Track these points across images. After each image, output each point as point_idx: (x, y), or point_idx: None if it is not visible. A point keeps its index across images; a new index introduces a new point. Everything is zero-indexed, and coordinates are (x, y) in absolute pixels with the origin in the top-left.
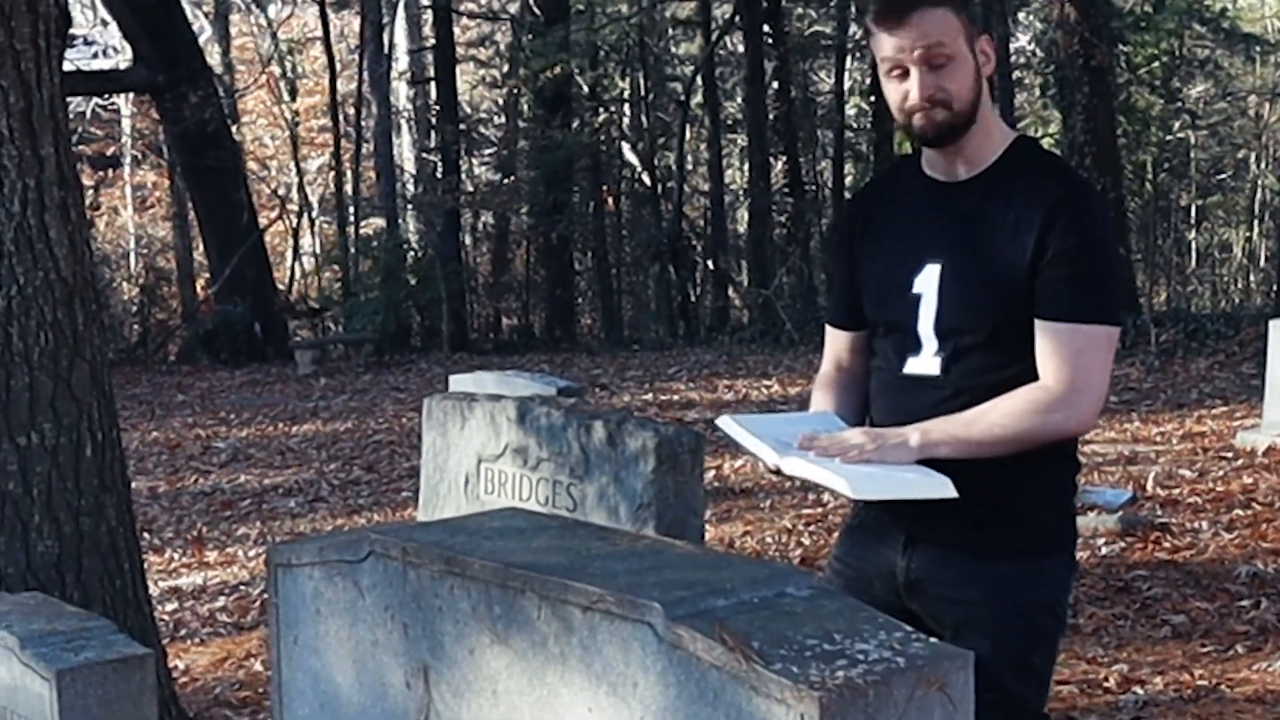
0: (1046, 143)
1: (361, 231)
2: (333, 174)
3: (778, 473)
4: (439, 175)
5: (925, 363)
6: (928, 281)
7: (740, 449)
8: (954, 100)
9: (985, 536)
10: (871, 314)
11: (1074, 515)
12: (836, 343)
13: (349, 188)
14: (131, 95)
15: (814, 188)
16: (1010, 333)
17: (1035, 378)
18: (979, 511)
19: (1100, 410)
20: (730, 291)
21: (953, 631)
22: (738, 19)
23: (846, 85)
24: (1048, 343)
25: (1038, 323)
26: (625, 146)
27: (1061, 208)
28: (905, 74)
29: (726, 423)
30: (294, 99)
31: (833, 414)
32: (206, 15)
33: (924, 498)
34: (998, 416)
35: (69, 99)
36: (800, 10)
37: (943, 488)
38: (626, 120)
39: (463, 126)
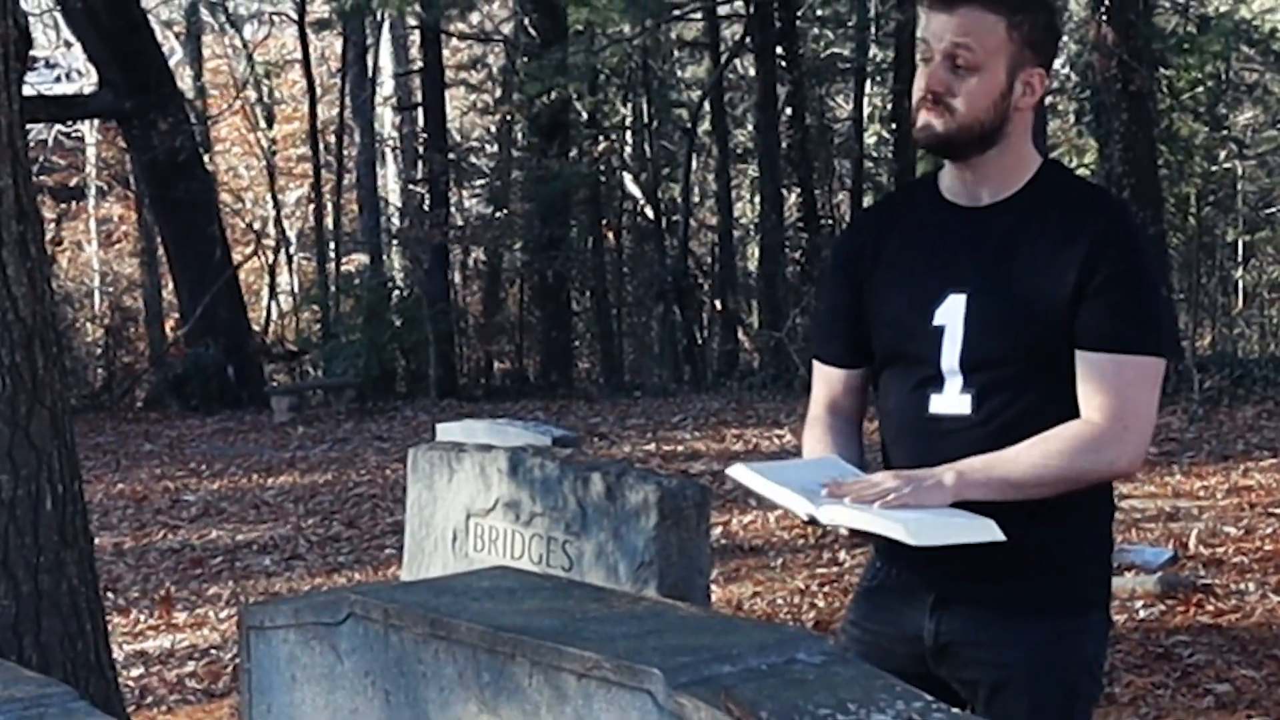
0: (1082, 173)
1: (343, 269)
2: (312, 207)
3: (811, 523)
4: (426, 208)
5: (952, 401)
6: (951, 312)
7: (759, 499)
8: (956, 108)
9: (1022, 593)
10: (885, 349)
11: (1111, 569)
12: (831, 382)
13: (329, 221)
14: (97, 122)
15: (830, 222)
16: (1044, 366)
17: (1069, 414)
18: (1015, 567)
19: (1148, 448)
20: (739, 333)
21: (987, 695)
22: (748, 40)
23: (866, 111)
24: (1093, 376)
25: (1081, 354)
26: (627, 177)
27: (1108, 234)
28: (927, 64)
29: (740, 471)
30: (271, 126)
31: (837, 458)
32: (177, 36)
33: (974, 541)
34: (1042, 456)
35: (29, 126)
36: (816, 31)
37: (990, 530)
38: (628, 149)
39: (452, 156)
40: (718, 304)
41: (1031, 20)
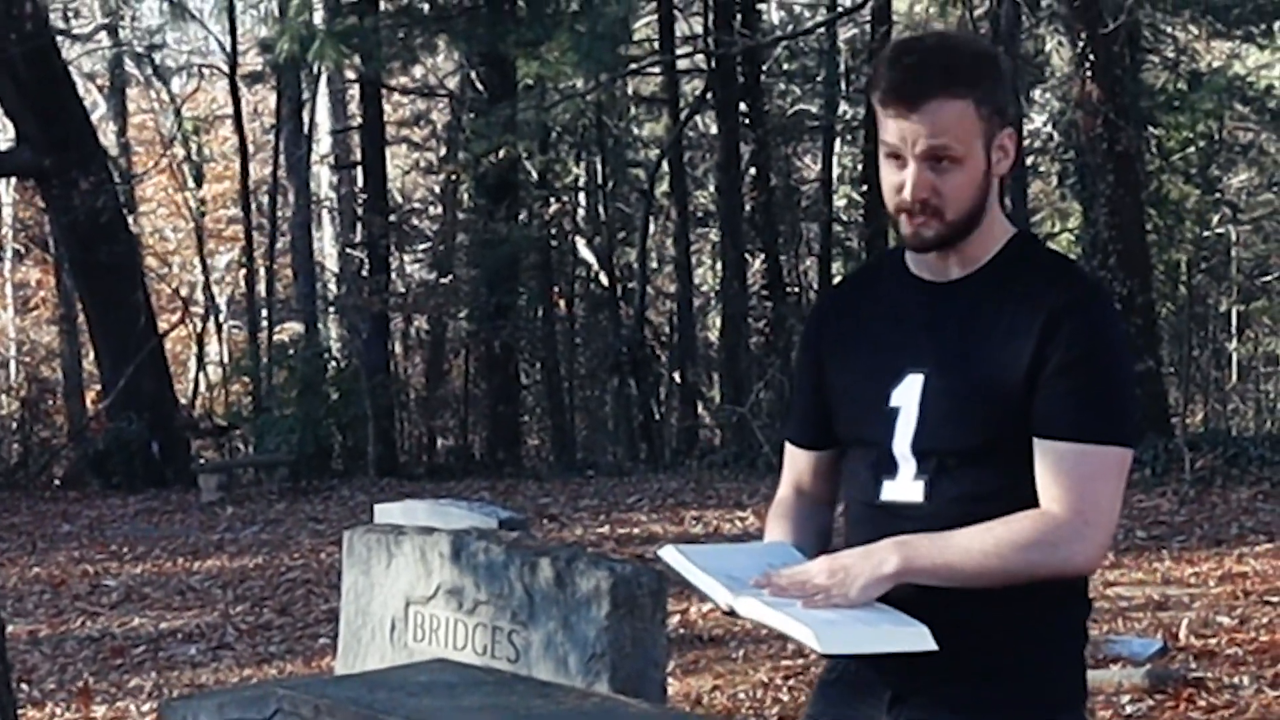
0: (1065, 239)
1: (276, 338)
2: (243, 272)
3: (731, 614)
4: (365, 274)
5: (904, 488)
6: (907, 394)
7: (690, 586)
8: (948, 209)
9: (986, 694)
10: (843, 431)
11: (1085, 668)
12: (797, 463)
13: (262, 288)
14: (13, 180)
15: (797, 289)
16: (1002, 452)
17: (1029, 502)
18: (979, 664)
19: (1110, 546)
20: (699, 409)
21: None
22: (710, 96)
23: (835, 172)
24: (1051, 467)
25: (1039, 443)
26: (580, 241)
27: (1066, 313)
28: (901, 163)
29: (671, 554)
30: (200, 186)
31: (789, 545)
32: (100, 89)
33: (899, 651)
34: (995, 545)
35: None
36: (782, 86)
37: (920, 639)
38: (581, 211)
39: (393, 218)
40: (676, 377)
41: (992, 83)
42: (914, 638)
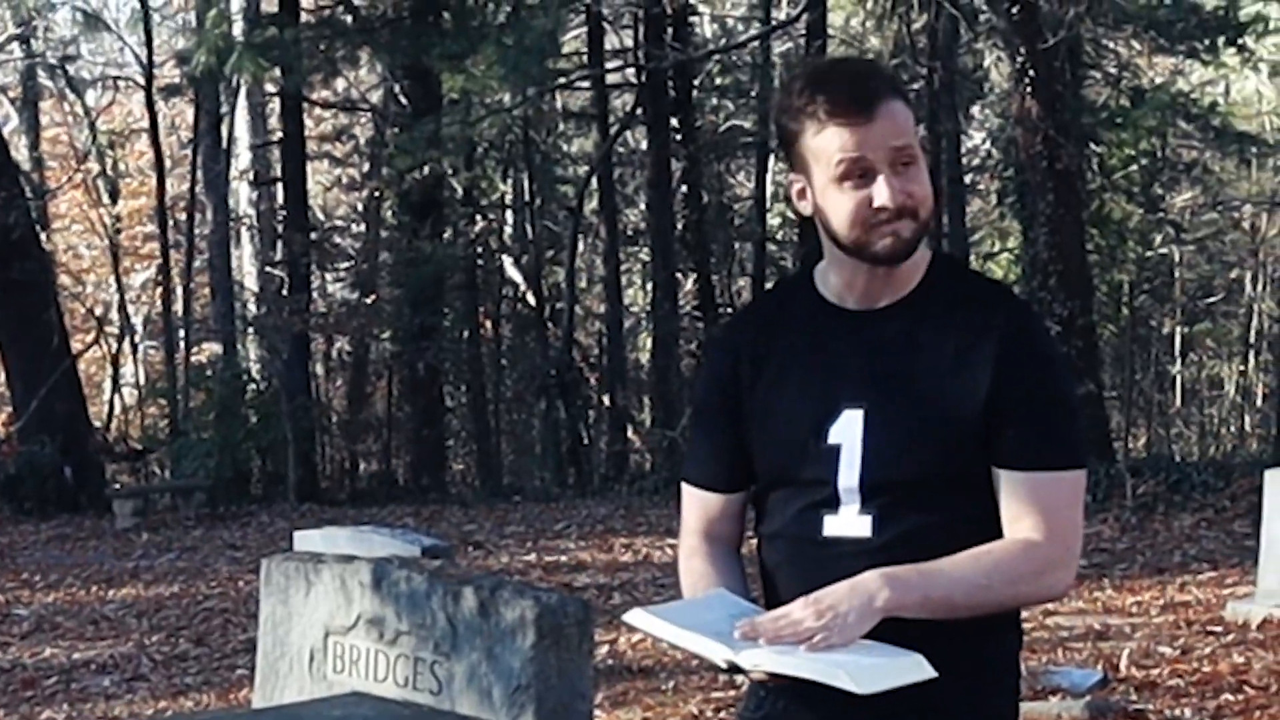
0: (1005, 258)
1: (193, 359)
2: (160, 291)
3: (733, 669)
4: (285, 293)
5: (849, 523)
6: (847, 430)
7: (667, 644)
8: (920, 208)
9: None
10: (773, 470)
11: (1019, 699)
12: (708, 509)
13: (179, 307)
14: None
15: (729, 310)
16: (951, 482)
17: (980, 530)
18: (919, 700)
19: None
20: (629, 432)
21: None
22: (640, 111)
23: (768, 190)
24: (1025, 497)
25: (1008, 473)
26: (506, 260)
27: (1018, 340)
28: (865, 178)
29: (640, 618)
30: (115, 201)
31: (726, 593)
32: (12, 101)
33: (909, 682)
34: (987, 577)
35: None
36: (714, 101)
37: (922, 668)
38: (508, 229)
39: (314, 236)
40: (605, 400)
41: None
42: (917, 667)
